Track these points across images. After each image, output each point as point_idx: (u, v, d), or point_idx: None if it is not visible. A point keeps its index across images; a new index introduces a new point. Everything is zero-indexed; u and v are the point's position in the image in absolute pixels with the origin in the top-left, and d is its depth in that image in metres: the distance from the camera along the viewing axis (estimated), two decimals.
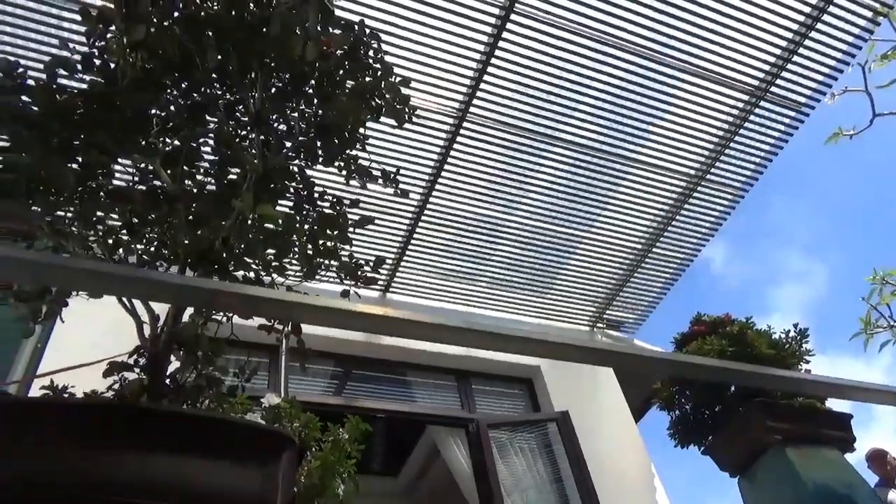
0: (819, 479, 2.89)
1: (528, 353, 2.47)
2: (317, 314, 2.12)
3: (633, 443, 6.08)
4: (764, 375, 2.50)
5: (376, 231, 5.66)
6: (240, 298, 1.84)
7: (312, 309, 2.10)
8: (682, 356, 2.42)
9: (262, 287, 2.43)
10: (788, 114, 5.61)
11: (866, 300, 7.03)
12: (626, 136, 5.47)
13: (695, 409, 3.52)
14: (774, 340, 3.54)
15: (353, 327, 2.23)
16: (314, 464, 2.74)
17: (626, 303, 6.84)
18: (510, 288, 6.50)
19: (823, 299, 42.14)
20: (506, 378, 6.22)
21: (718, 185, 5.96)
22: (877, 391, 2.53)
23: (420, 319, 2.34)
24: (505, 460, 5.22)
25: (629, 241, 6.25)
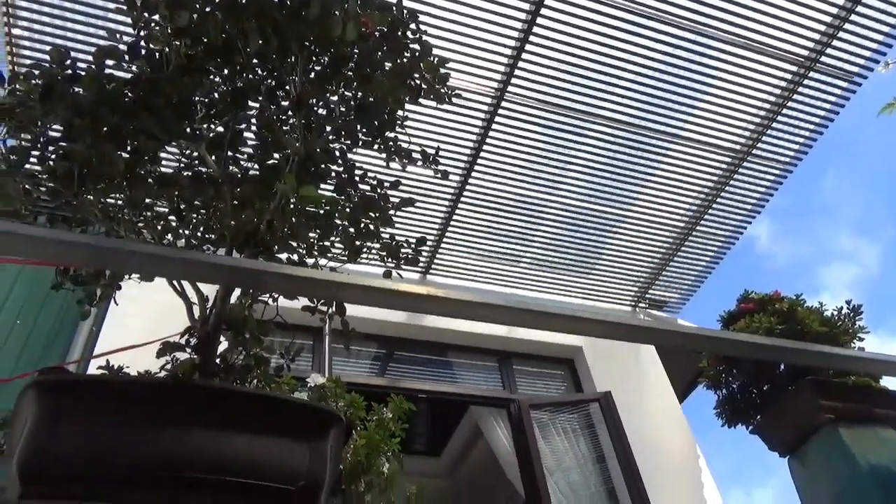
0: (874, 458, 2.82)
1: (572, 331, 2.46)
2: (361, 294, 2.15)
3: (677, 423, 6.02)
4: (816, 353, 2.44)
5: (416, 213, 5.68)
6: (286, 279, 1.88)
7: (357, 289, 2.13)
8: (728, 333, 2.38)
9: (307, 268, 2.46)
10: (840, 84, 5.39)
11: None
12: (668, 112, 5.34)
13: (742, 388, 3.46)
14: (826, 318, 3.43)
15: (397, 306, 2.25)
16: (360, 442, 2.79)
17: (669, 282, 6.73)
18: (551, 269, 6.46)
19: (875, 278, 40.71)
20: (547, 359, 6.21)
21: (765, 160, 5.79)
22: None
23: (463, 298, 2.35)
24: (547, 440, 5.22)
25: (672, 219, 6.14)
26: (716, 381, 3.55)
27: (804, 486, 3.11)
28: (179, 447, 1.48)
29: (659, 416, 5.92)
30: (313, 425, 1.64)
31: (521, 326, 2.55)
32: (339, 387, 2.89)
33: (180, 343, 2.06)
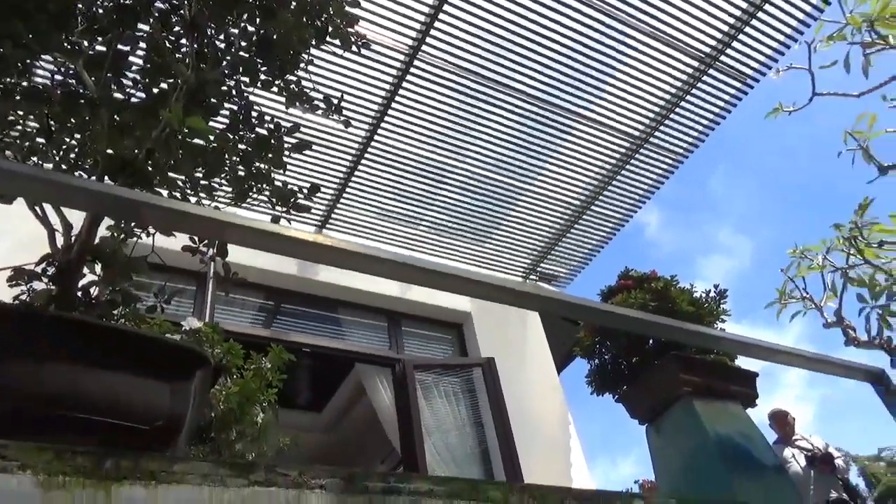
0: (721, 430, 3.07)
1: (460, 292, 2.48)
2: (246, 235, 2.05)
3: (553, 391, 6.30)
4: (682, 329, 2.60)
5: (317, 165, 5.52)
6: (165, 212, 1.76)
7: (242, 230, 2.04)
8: (606, 305, 2.48)
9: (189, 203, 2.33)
10: (735, 84, 5.70)
11: (784, 272, 7.39)
12: (576, 91, 5.45)
13: (614, 359, 3.65)
14: (695, 299, 3.68)
15: (284, 252, 2.18)
16: (233, 389, 2.71)
17: (560, 257, 6.96)
18: (449, 234, 6.50)
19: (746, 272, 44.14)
20: (436, 322, 6.29)
21: (660, 149, 6.06)
22: (780, 351, 2.67)
23: (352, 249, 2.30)
24: (428, 402, 5.32)
25: (569, 196, 6.32)
26: (589, 352, 3.73)
27: (657, 452, 3.35)
28: (27, 381, 1.37)
29: (537, 384, 6.17)
30: (177, 365, 1.56)
31: (410, 283, 2.55)
32: (216, 333, 2.78)
33: (35, 271, 1.90)
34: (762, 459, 3.15)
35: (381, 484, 1.70)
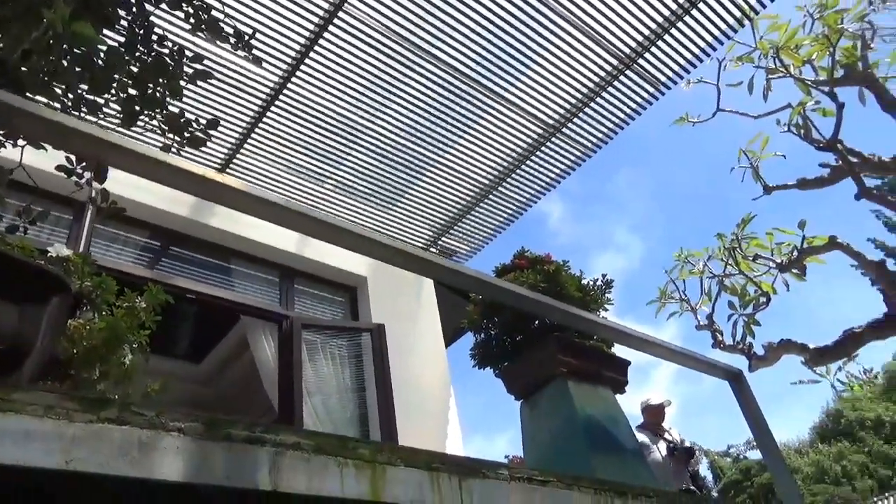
0: (589, 410, 3.22)
1: (355, 249, 2.43)
2: (134, 161, 1.90)
3: (438, 364, 6.38)
4: (565, 312, 2.68)
5: (223, 103, 5.24)
6: (45, 124, 1.60)
7: (130, 155, 1.88)
8: (498, 280, 2.52)
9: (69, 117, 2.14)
10: (648, 89, 5.90)
11: (668, 273, 7.84)
12: (496, 70, 5.46)
13: (499, 335, 3.74)
14: (582, 285, 3.83)
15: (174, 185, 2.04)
16: (99, 324, 2.53)
17: (462, 233, 7.02)
18: (354, 197, 6.39)
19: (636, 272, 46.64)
20: (331, 283, 6.19)
21: (571, 140, 6.20)
22: (652, 343, 2.81)
23: (244, 189, 2.19)
24: (313, 362, 5.24)
25: (478, 173, 6.36)
26: (477, 326, 3.79)
27: (528, 427, 3.48)
28: None
29: (424, 355, 6.23)
30: (30, 287, 1.43)
31: (304, 234, 2.48)
32: (86, 264, 2.58)
33: None
34: (624, 443, 3.34)
35: (244, 432, 1.64)
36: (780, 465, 2.95)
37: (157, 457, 1.46)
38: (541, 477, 2.14)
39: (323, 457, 1.76)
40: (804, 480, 18.19)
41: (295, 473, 1.70)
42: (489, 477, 1.99)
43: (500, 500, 1.96)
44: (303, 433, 1.79)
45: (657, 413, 6.21)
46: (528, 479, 2.11)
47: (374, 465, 1.85)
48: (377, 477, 1.84)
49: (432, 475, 1.91)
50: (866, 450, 19.27)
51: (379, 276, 6.21)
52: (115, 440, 1.39)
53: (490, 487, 1.97)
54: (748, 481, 21.42)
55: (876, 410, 20.36)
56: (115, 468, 1.37)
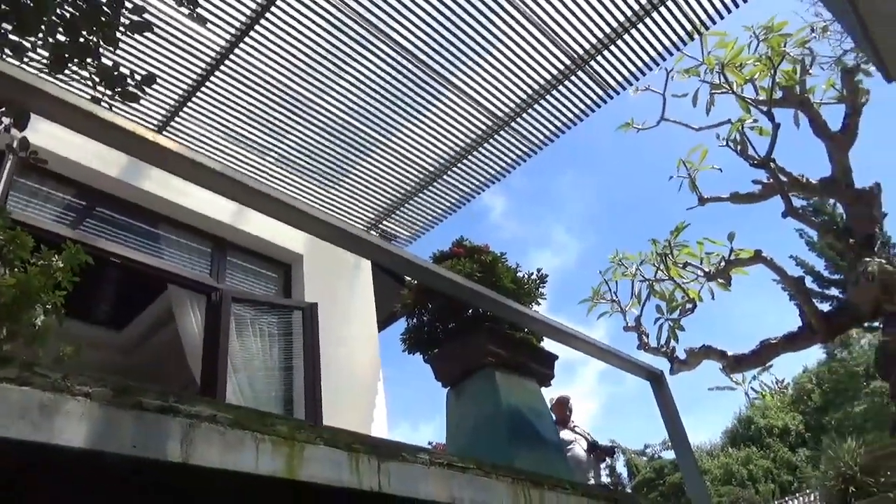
0: (513, 400, 3.27)
1: (288, 222, 2.37)
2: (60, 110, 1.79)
3: (369, 347, 6.34)
4: (498, 303, 2.70)
5: (165, 62, 5.02)
6: None
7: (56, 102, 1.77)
8: (434, 266, 2.51)
9: None
10: (597, 91, 5.99)
11: (602, 274, 8.02)
12: (450, 58, 5.43)
13: (431, 321, 3.74)
14: (518, 278, 3.86)
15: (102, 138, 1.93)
16: (8, 281, 2.39)
17: (403, 218, 6.98)
18: (297, 172, 6.25)
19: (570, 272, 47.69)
20: (266, 258, 6.05)
21: (519, 136, 6.24)
22: (580, 339, 2.87)
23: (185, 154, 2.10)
24: (241, 337, 5.12)
25: (424, 160, 6.33)
26: (410, 311, 3.78)
27: (453, 414, 3.50)
28: None
29: (355, 338, 6.18)
30: None
31: (241, 204, 2.39)
32: None
33: None
34: (545, 435, 3.40)
35: (157, 401, 1.58)
36: (691, 465, 3.06)
37: (60, 421, 1.39)
38: (460, 464, 2.15)
39: (239, 431, 1.72)
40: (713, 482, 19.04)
41: (208, 446, 1.65)
42: (408, 460, 1.99)
43: (417, 483, 1.96)
44: (220, 406, 1.74)
45: (563, 407, 6.37)
46: (448, 465, 2.12)
47: (292, 443, 1.82)
48: (294, 455, 1.81)
49: (351, 456, 1.88)
50: (772, 456, 20.33)
51: (315, 254, 6.10)
52: (14, 401, 1.31)
53: (409, 470, 1.97)
54: (661, 480, 22.30)
55: (783, 419, 21.49)
56: (13, 430, 1.29)
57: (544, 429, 3.51)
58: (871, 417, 15.23)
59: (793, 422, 21.38)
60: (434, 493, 2.04)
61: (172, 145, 2.08)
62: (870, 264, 6.02)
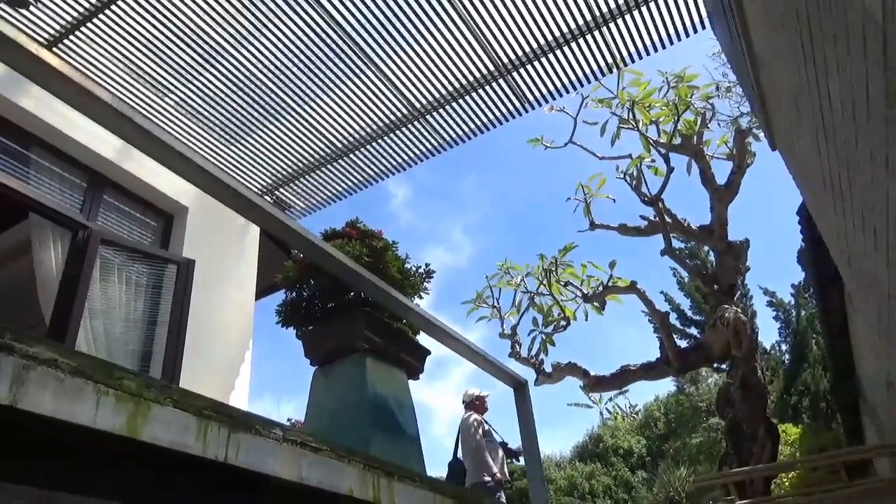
0: (378, 388, 3.26)
1: (174, 169, 2.24)
2: None
3: (244, 314, 6.12)
4: (381, 290, 2.68)
5: None
6: None
7: None
8: (324, 243, 2.45)
9: None
10: (515, 102, 6.11)
11: (488, 279, 8.21)
12: (378, 38, 5.34)
13: (311, 298, 3.66)
14: (405, 269, 3.87)
15: None
16: None
17: (302, 190, 6.80)
18: (196, 121, 5.93)
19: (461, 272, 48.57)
20: (146, 204, 5.69)
21: (431, 129, 6.24)
22: (454, 337, 2.91)
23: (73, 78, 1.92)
24: (104, 282, 4.78)
25: (333, 135, 6.19)
26: (291, 284, 3.69)
27: (317, 394, 3.45)
28: None
29: (231, 303, 5.95)
30: None
31: (127, 141, 2.23)
32: None
33: None
34: (405, 426, 3.42)
35: None
36: (537, 473, 3.19)
37: None
38: (315, 444, 2.12)
39: (80, 380, 1.60)
40: (556, 491, 20.00)
41: (43, 391, 1.53)
42: (261, 434, 1.93)
43: (266, 458, 1.91)
44: (64, 351, 1.61)
45: (484, 402, 6.51)
46: (301, 444, 2.08)
47: (138, 400, 1.71)
48: (139, 413, 1.71)
49: (201, 422, 1.80)
50: (613, 474, 21.63)
51: (202, 210, 5.81)
52: None
53: (259, 444, 1.91)
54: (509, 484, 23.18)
55: (630, 441, 22.94)
56: None
57: (405, 420, 3.54)
58: (705, 450, 16.57)
59: (637, 445, 22.87)
60: (282, 471, 2.00)
61: (63, 67, 1.91)
62: (727, 311, 6.54)
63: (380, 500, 2.29)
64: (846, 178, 3.03)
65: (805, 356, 14.04)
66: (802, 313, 14.95)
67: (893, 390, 4.81)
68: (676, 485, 14.85)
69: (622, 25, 5.45)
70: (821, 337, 10.51)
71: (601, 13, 5.31)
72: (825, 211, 4.13)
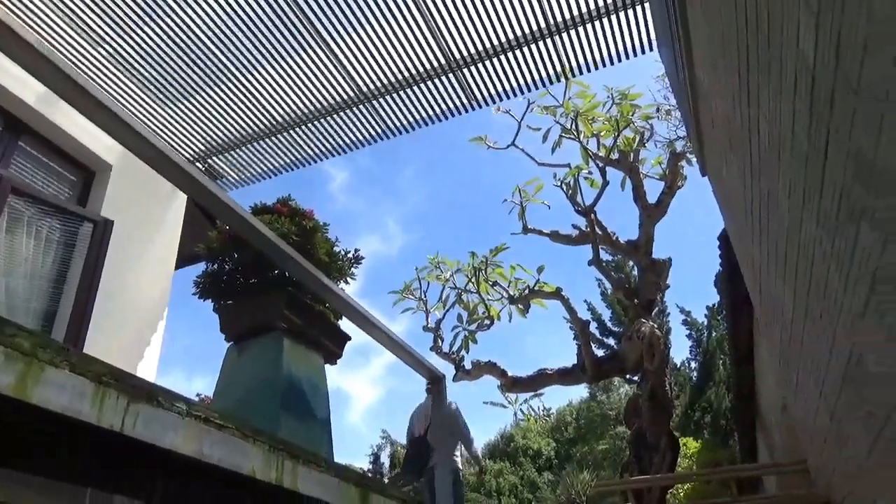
0: (294, 369, 3.20)
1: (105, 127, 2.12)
2: None
3: (160, 282, 5.88)
4: (306, 271, 2.63)
5: None
6: None
7: None
8: (252, 217, 2.38)
9: None
10: (463, 99, 6.11)
11: (418, 271, 8.21)
12: (331, 15, 5.22)
13: (233, 272, 3.55)
14: (334, 252, 3.80)
15: None
16: None
17: (236, 161, 6.59)
18: (129, 76, 5.63)
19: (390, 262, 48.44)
20: (67, 157, 5.38)
21: (377, 115, 6.17)
22: (375, 325, 2.89)
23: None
24: (10, 234, 4.49)
25: (274, 108, 6.02)
26: (213, 255, 3.56)
27: (229, 370, 3.36)
28: None
29: (148, 270, 5.70)
30: None
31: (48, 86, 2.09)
32: None
33: None
34: (317, 411, 3.38)
35: None
36: (446, 465, 3.21)
37: None
38: (220, 421, 2.06)
39: None
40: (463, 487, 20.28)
41: None
42: (163, 406, 1.86)
43: (165, 431, 1.84)
44: None
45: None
46: (206, 420, 2.01)
47: (31, 360, 1.62)
48: (31, 373, 1.61)
49: (98, 388, 1.72)
50: (521, 474, 22.12)
51: (128, 170, 5.54)
52: None
53: (160, 417, 1.84)
54: None
55: (539, 443, 23.51)
56: None
57: (318, 404, 3.49)
58: (610, 457, 17.16)
59: (547, 447, 23.45)
60: (183, 446, 1.93)
61: None
62: (644, 325, 6.77)
63: (282, 483, 2.25)
64: (766, 210, 3.18)
65: (711, 375, 14.74)
66: (713, 334, 15.67)
67: (787, 414, 5.11)
68: (578, 488, 15.31)
69: (574, 37, 5.54)
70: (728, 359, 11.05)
71: (556, 22, 5.38)
72: (744, 239, 4.33)
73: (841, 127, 1.86)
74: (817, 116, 2.01)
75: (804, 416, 3.77)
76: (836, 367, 2.70)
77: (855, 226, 1.97)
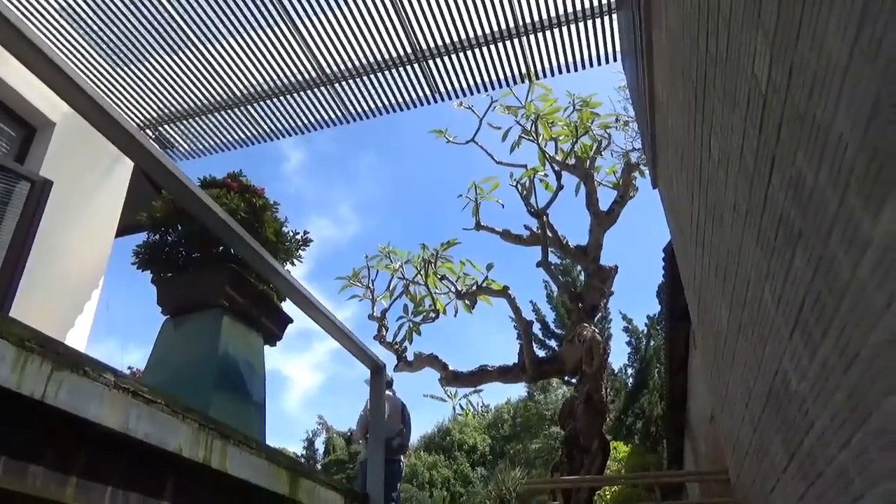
0: (231, 349, 3.14)
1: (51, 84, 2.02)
2: None
3: (99, 248, 5.67)
4: (252, 249, 2.58)
5: None
6: None
7: None
8: (199, 190, 2.31)
9: None
10: (425, 90, 6.08)
11: (367, 259, 8.16)
12: None
13: (175, 244, 3.45)
14: (283, 232, 3.74)
15: None
16: None
17: (188, 131, 6.40)
18: (82, 33, 5.39)
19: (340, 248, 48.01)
20: (7, 110, 5.12)
21: (338, 98, 6.10)
22: (319, 311, 2.85)
23: None
24: None
25: (233, 81, 5.88)
26: (156, 225, 3.46)
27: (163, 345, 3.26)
28: None
29: (87, 236, 5.49)
30: None
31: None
32: None
33: None
34: (252, 392, 3.32)
35: None
36: (377, 454, 3.20)
37: None
38: (149, 395, 2.00)
39: None
40: None
41: None
42: (89, 376, 1.79)
43: (90, 402, 1.77)
44: None
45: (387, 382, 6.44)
46: (134, 393, 1.95)
47: None
48: None
49: (20, 353, 1.64)
50: (455, 467, 22.29)
51: (72, 130, 5.31)
52: None
53: (85, 386, 1.77)
54: (352, 464, 23.19)
55: (476, 438, 23.74)
56: None
57: (254, 386, 3.43)
58: (543, 456, 17.45)
59: (482, 443, 23.69)
60: (107, 418, 1.86)
61: None
62: (586, 329, 6.91)
63: (210, 462, 2.20)
64: (710, 226, 3.29)
65: (647, 382, 15.14)
66: (652, 343, 16.08)
67: (714, 424, 5.29)
68: (509, 484, 15.51)
69: (542, 40, 5.59)
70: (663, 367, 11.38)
71: (524, 23, 5.42)
72: (687, 253, 4.45)
73: (786, 152, 1.93)
74: (765, 139, 2.09)
75: (730, 427, 3.92)
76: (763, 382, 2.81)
77: (791, 249, 2.05)
